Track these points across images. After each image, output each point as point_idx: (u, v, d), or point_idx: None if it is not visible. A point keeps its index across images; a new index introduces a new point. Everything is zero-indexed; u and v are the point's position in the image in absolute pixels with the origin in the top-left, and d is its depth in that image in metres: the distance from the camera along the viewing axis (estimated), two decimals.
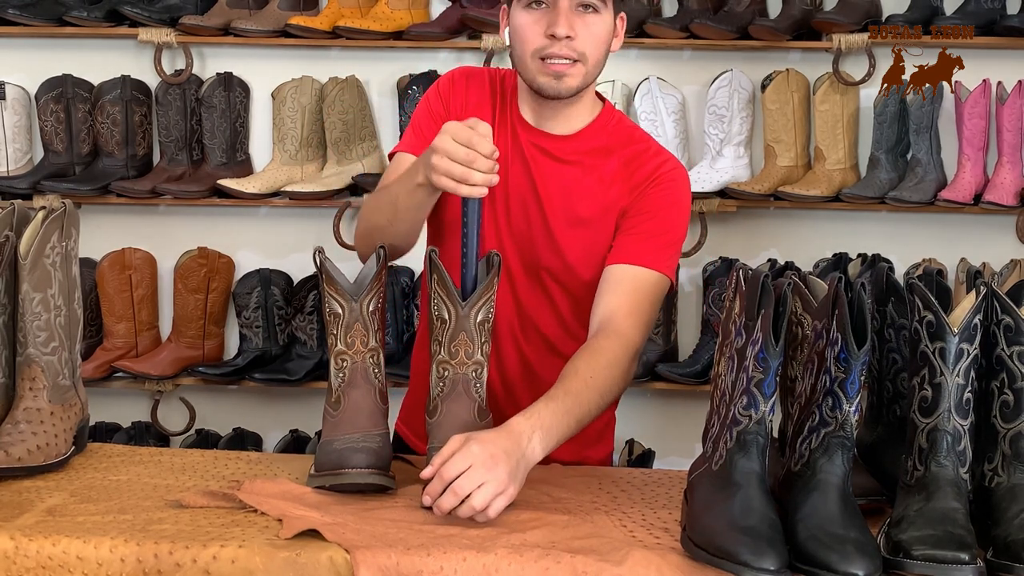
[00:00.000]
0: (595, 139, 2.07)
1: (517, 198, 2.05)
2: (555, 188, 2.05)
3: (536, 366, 2.11)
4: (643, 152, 2.07)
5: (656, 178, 2.04)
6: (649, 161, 2.05)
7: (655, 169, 2.04)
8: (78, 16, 3.51)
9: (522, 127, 2.07)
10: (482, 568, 1.51)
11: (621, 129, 2.10)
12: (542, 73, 1.97)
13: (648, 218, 2.02)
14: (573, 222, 2.04)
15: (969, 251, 3.48)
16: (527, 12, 1.96)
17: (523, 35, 1.96)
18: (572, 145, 2.06)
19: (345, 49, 3.61)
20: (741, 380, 1.54)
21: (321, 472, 1.76)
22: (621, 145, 2.07)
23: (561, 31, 1.92)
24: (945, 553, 1.44)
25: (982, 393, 1.59)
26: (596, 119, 2.08)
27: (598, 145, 2.06)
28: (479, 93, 2.09)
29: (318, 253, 1.80)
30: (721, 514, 1.50)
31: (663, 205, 2.03)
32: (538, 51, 1.95)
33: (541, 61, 1.96)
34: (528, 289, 2.08)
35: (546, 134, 2.06)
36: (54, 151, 3.61)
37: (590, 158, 2.05)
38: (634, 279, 1.99)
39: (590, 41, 1.96)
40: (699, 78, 3.58)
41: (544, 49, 1.95)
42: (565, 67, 1.95)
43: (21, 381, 1.87)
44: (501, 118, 2.07)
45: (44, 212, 1.89)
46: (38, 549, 1.55)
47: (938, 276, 1.64)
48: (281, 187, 3.53)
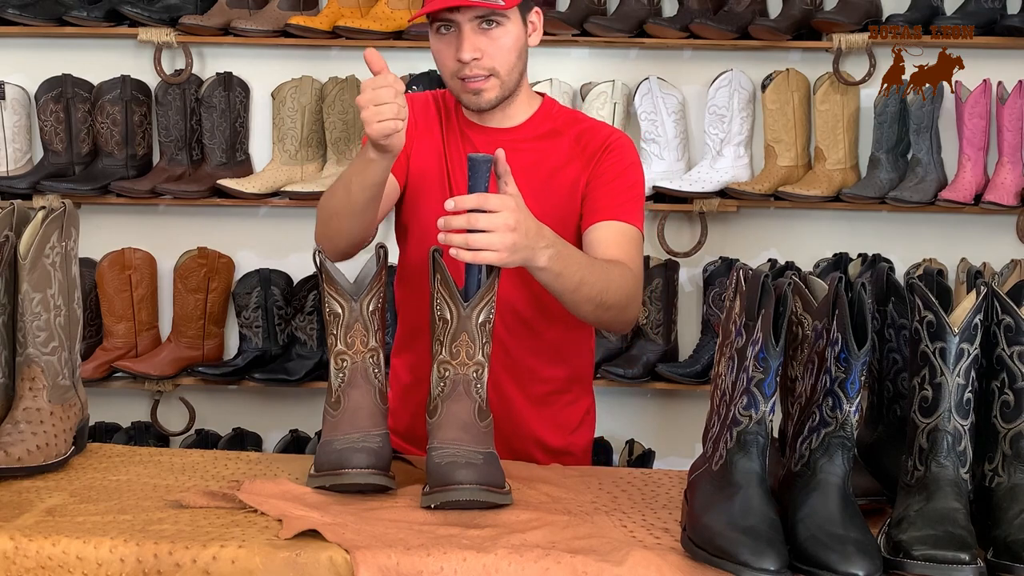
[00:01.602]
0: (541, 125, 2.19)
1: None
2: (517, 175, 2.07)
3: (514, 350, 2.17)
4: (589, 128, 2.21)
5: (608, 145, 2.17)
6: (597, 134, 2.19)
7: (605, 139, 2.18)
8: (78, 16, 3.51)
9: (471, 129, 2.19)
10: (482, 568, 1.51)
11: (564, 114, 2.24)
12: (462, 91, 2.10)
13: (612, 178, 2.14)
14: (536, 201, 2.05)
15: (969, 251, 3.48)
16: (438, 37, 2.09)
17: (439, 59, 2.10)
18: (521, 133, 2.18)
19: (345, 49, 3.61)
20: (741, 380, 1.54)
21: (321, 472, 1.76)
22: (567, 126, 2.20)
23: (466, 55, 2.04)
24: (945, 553, 1.44)
25: (982, 393, 1.59)
26: (538, 110, 2.21)
27: (545, 130, 2.19)
28: (425, 114, 2.21)
29: (318, 253, 1.80)
30: (721, 514, 1.50)
31: (623, 166, 2.16)
32: (454, 73, 2.08)
33: (460, 81, 2.08)
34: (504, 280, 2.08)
35: (493, 128, 2.18)
36: (54, 151, 3.61)
37: (541, 143, 2.18)
38: (620, 232, 2.10)
39: (498, 55, 2.07)
40: (699, 78, 3.58)
41: (458, 71, 2.07)
42: (480, 83, 2.08)
43: (21, 381, 1.87)
44: (449, 129, 2.20)
45: (44, 212, 1.89)
46: (38, 549, 1.55)
47: (938, 276, 1.64)
48: (281, 187, 3.53)
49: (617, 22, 3.46)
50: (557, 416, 2.23)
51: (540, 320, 2.16)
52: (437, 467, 1.71)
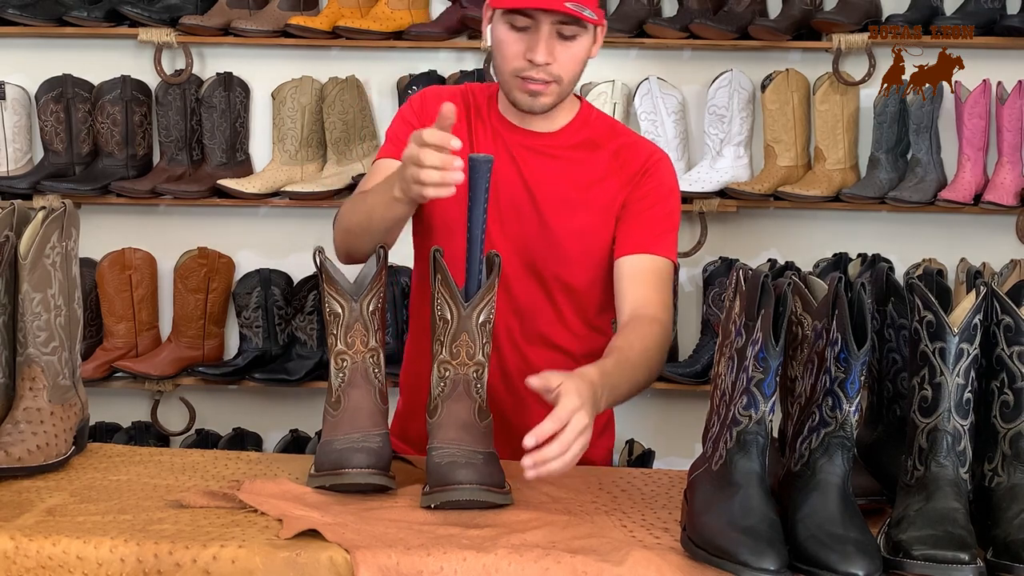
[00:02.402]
0: (579, 133, 2.11)
1: (508, 198, 2.06)
2: (547, 182, 2.07)
3: (537, 365, 2.11)
4: (629, 144, 2.13)
5: (648, 168, 2.09)
6: (638, 153, 2.11)
7: (645, 160, 2.10)
8: (78, 16, 3.51)
9: (505, 128, 2.10)
10: (482, 568, 1.51)
11: (602, 122, 2.15)
12: (519, 89, 2.01)
13: (649, 206, 2.07)
14: (569, 213, 2.06)
15: (969, 251, 3.48)
16: (509, 31, 1.98)
17: (503, 52, 2.00)
18: (558, 140, 2.10)
19: (345, 49, 3.61)
20: (741, 380, 1.54)
21: (321, 472, 1.76)
22: (606, 138, 2.12)
23: (540, 58, 1.95)
24: (945, 553, 1.44)
25: (982, 393, 1.59)
26: (576, 116, 2.12)
27: (582, 139, 2.11)
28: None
29: (318, 253, 1.80)
30: (721, 514, 1.50)
31: (661, 194, 2.09)
32: (516, 70, 1.99)
33: (519, 79, 1.99)
34: (526, 288, 2.09)
35: (531, 132, 2.10)
36: (54, 151, 3.61)
37: (577, 152, 2.10)
38: (653, 267, 2.05)
39: (568, 65, 2.00)
40: (699, 78, 3.58)
41: (522, 70, 1.98)
42: (541, 87, 1.99)
43: (21, 381, 1.87)
44: (478, 125, 2.11)
45: (44, 212, 1.89)
46: (38, 549, 1.55)
47: (938, 276, 1.64)
48: (281, 187, 3.53)
49: (617, 22, 3.46)
50: None
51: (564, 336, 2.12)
52: (437, 467, 1.71)
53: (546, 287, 2.10)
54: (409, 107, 2.16)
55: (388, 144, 2.14)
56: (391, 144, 2.12)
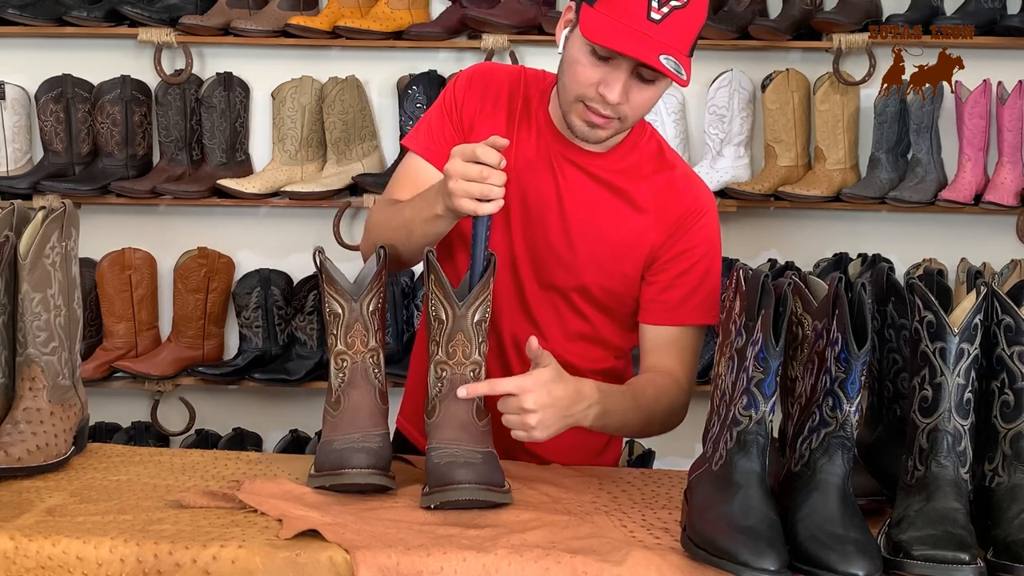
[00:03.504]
0: (626, 159, 1.98)
1: (538, 207, 1.97)
2: (584, 205, 1.97)
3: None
4: (675, 180, 1.99)
5: (691, 216, 1.97)
6: (682, 197, 1.98)
7: (688, 208, 1.97)
8: (78, 16, 3.51)
9: (551, 133, 1.98)
10: (482, 568, 1.51)
11: (650, 148, 2.01)
12: (578, 116, 1.87)
13: (684, 269, 1.97)
14: (598, 244, 1.97)
15: (969, 251, 3.48)
16: (589, 55, 1.81)
17: (575, 74, 1.83)
18: (603, 162, 1.97)
19: (345, 49, 3.61)
20: (741, 380, 1.54)
21: (321, 472, 1.76)
22: (653, 169, 1.99)
23: (613, 97, 1.80)
24: (945, 553, 1.43)
25: (982, 393, 1.59)
26: (628, 136, 1.98)
27: (628, 165, 1.98)
28: (495, 99, 2.00)
29: (318, 253, 1.80)
30: (721, 514, 1.50)
31: (703, 250, 1.98)
32: (584, 97, 1.84)
33: (583, 105, 1.85)
34: (539, 300, 2.02)
35: (578, 148, 1.96)
36: (54, 151, 3.61)
37: (622, 180, 1.97)
38: (683, 338, 1.98)
39: (638, 108, 1.86)
40: (699, 78, 3.57)
41: (590, 99, 1.83)
42: (602, 121, 1.85)
43: (21, 381, 1.87)
44: (523, 121, 1.99)
45: (44, 212, 1.89)
46: (38, 549, 1.55)
47: (938, 276, 1.64)
48: (281, 187, 3.53)
49: None
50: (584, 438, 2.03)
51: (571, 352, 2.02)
52: (436, 467, 1.71)
53: (557, 304, 2.02)
54: (452, 90, 2.02)
55: (422, 136, 2.02)
56: (426, 137, 2.01)
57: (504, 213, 1.93)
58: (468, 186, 1.73)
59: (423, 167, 1.99)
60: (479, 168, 1.72)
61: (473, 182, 1.73)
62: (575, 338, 2.04)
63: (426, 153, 2.00)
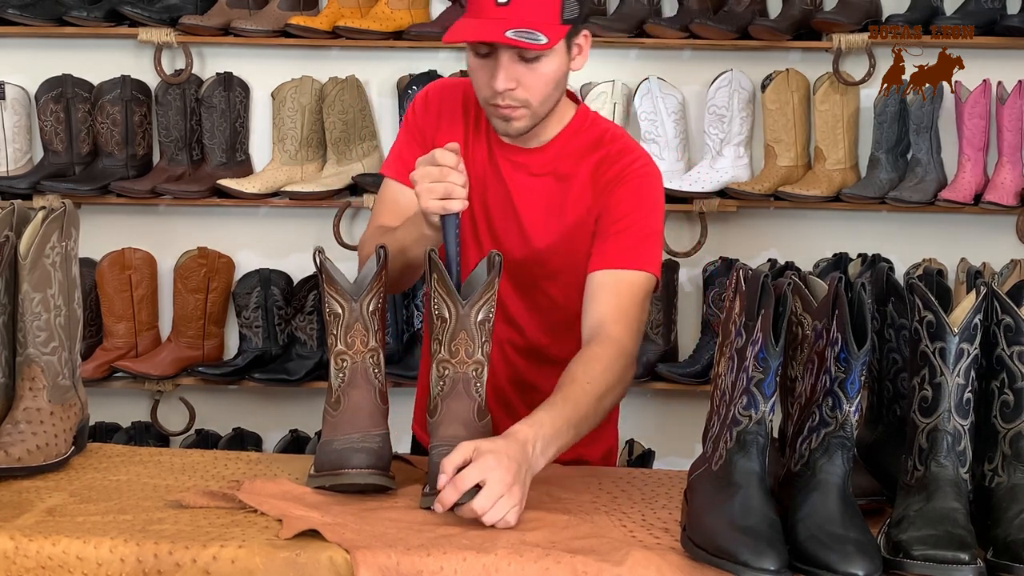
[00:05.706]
0: (566, 147, 2.06)
1: (499, 215, 2.07)
2: (534, 201, 2.06)
3: (528, 377, 2.12)
4: (612, 153, 2.05)
5: (623, 177, 2.03)
6: (617, 161, 2.04)
7: (622, 169, 2.03)
8: (78, 16, 3.51)
9: (496, 144, 2.07)
10: (482, 568, 1.51)
11: (594, 131, 2.08)
12: (493, 116, 1.98)
13: (620, 217, 2.01)
14: (554, 234, 2.05)
15: (969, 251, 3.48)
16: (475, 58, 1.94)
17: (474, 80, 1.98)
18: (542, 157, 2.06)
19: (345, 49, 3.61)
20: (741, 380, 1.54)
21: (321, 472, 1.76)
22: (591, 149, 2.06)
23: (500, 86, 1.91)
24: (945, 553, 1.44)
25: (982, 393, 1.59)
26: (569, 124, 2.07)
27: (568, 152, 2.06)
28: (451, 114, 2.09)
29: (318, 253, 1.80)
30: (721, 514, 1.50)
31: (633, 203, 2.01)
32: (486, 98, 1.96)
33: (492, 106, 1.96)
34: (517, 302, 2.09)
35: (519, 148, 2.06)
36: (54, 151, 3.60)
37: (563, 165, 2.05)
38: (616, 283, 1.98)
39: (535, 87, 1.93)
40: (699, 78, 3.58)
41: (491, 98, 1.95)
42: (511, 111, 1.95)
43: (21, 381, 1.87)
44: (475, 135, 2.08)
45: (44, 212, 1.89)
46: (38, 549, 1.55)
47: (938, 276, 1.64)
48: (281, 187, 3.53)
49: (617, 22, 3.46)
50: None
51: (555, 348, 2.08)
52: (437, 466, 1.71)
53: (535, 301, 2.09)
54: (412, 112, 2.13)
55: (393, 161, 2.13)
56: (396, 161, 2.11)
57: (472, 227, 2.06)
58: (432, 187, 1.82)
59: (400, 191, 2.08)
60: (439, 169, 1.82)
61: (436, 183, 1.82)
62: (553, 329, 2.09)
63: (399, 176, 2.09)
